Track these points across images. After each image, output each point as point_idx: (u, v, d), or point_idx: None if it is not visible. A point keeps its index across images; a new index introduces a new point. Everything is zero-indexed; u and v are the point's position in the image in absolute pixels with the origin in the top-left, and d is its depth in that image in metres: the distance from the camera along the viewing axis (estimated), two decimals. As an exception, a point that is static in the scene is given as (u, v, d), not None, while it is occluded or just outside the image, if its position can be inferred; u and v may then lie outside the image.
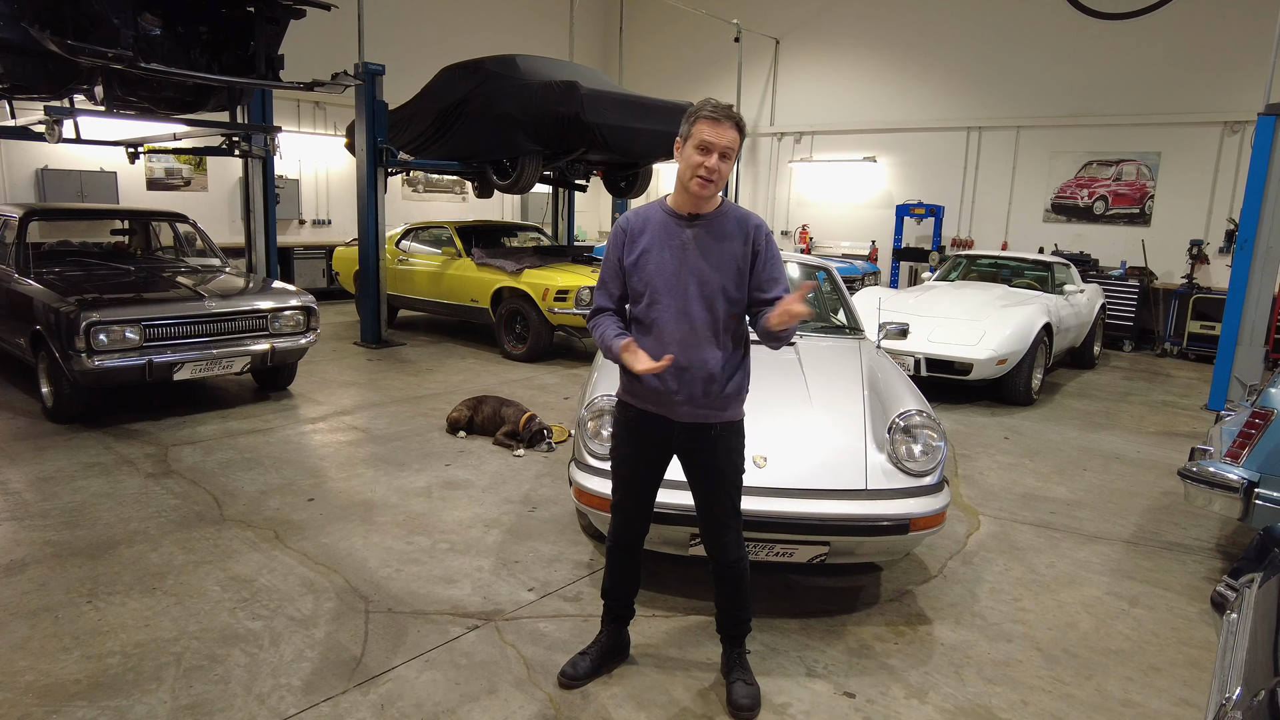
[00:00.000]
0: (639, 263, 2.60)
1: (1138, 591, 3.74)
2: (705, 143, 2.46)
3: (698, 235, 2.58)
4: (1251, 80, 9.60)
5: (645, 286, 2.60)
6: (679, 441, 2.67)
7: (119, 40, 5.57)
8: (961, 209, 12.69)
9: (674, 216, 2.61)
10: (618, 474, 2.79)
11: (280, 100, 10.60)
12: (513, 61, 8.63)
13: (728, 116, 2.48)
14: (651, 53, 15.67)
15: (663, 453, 2.73)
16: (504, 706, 2.71)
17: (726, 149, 2.47)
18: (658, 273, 2.58)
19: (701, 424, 2.63)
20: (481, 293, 8.59)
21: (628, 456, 2.74)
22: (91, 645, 2.96)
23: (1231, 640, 1.99)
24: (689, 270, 2.57)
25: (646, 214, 2.66)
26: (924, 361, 6.81)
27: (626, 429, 2.74)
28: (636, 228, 2.63)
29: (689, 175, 2.51)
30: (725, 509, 2.71)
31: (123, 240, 7.59)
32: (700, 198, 2.54)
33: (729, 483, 2.69)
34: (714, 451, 2.66)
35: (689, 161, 2.50)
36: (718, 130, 2.46)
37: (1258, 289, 6.99)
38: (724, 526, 2.72)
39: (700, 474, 2.70)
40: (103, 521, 4.04)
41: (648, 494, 2.78)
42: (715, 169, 2.47)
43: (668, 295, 2.57)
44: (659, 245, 2.59)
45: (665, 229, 2.60)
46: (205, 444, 5.31)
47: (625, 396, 2.73)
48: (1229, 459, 3.68)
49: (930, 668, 3.04)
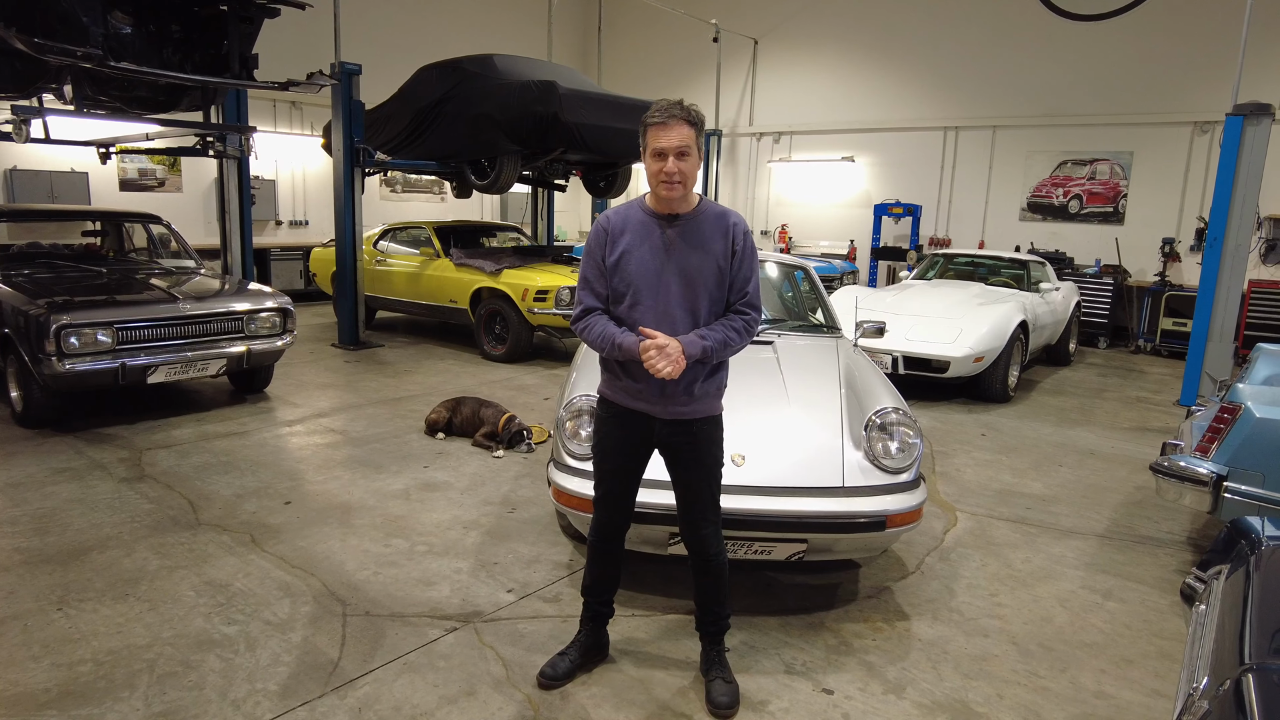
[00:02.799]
0: (620, 263, 2.60)
1: (1111, 585, 3.79)
2: (657, 149, 2.49)
3: (678, 235, 2.59)
4: (1220, 81, 9.75)
5: (627, 287, 2.60)
6: (660, 437, 2.70)
7: (88, 38, 5.47)
8: (939, 208, 12.80)
9: (654, 217, 2.62)
10: (600, 469, 2.81)
11: (256, 100, 10.47)
12: (491, 61, 8.60)
13: (673, 115, 2.48)
14: (630, 53, 15.67)
15: (644, 448, 2.75)
16: (483, 708, 2.70)
17: (680, 149, 2.48)
18: (639, 273, 2.59)
19: (683, 420, 2.66)
20: (460, 293, 8.55)
21: (610, 452, 2.76)
22: (62, 653, 2.92)
23: (1200, 631, 2.02)
24: (670, 271, 2.58)
25: (626, 213, 2.66)
26: (902, 360, 6.86)
27: (608, 425, 2.76)
28: (617, 227, 2.63)
29: (654, 183, 2.55)
30: (706, 502, 2.74)
31: (94, 242, 7.47)
32: (671, 200, 2.56)
33: (710, 476, 2.73)
34: (695, 445, 2.68)
35: (650, 170, 2.54)
36: (666, 133, 2.47)
37: (1227, 286, 7.10)
38: (704, 520, 2.75)
39: (682, 468, 2.72)
40: (74, 527, 3.98)
41: (629, 490, 2.80)
42: (674, 171, 2.49)
43: (649, 296, 2.58)
44: (640, 246, 2.59)
45: (645, 229, 2.61)
46: (180, 448, 5.24)
47: (606, 393, 2.75)
48: (1199, 453, 3.73)
49: (908, 663, 3.06)
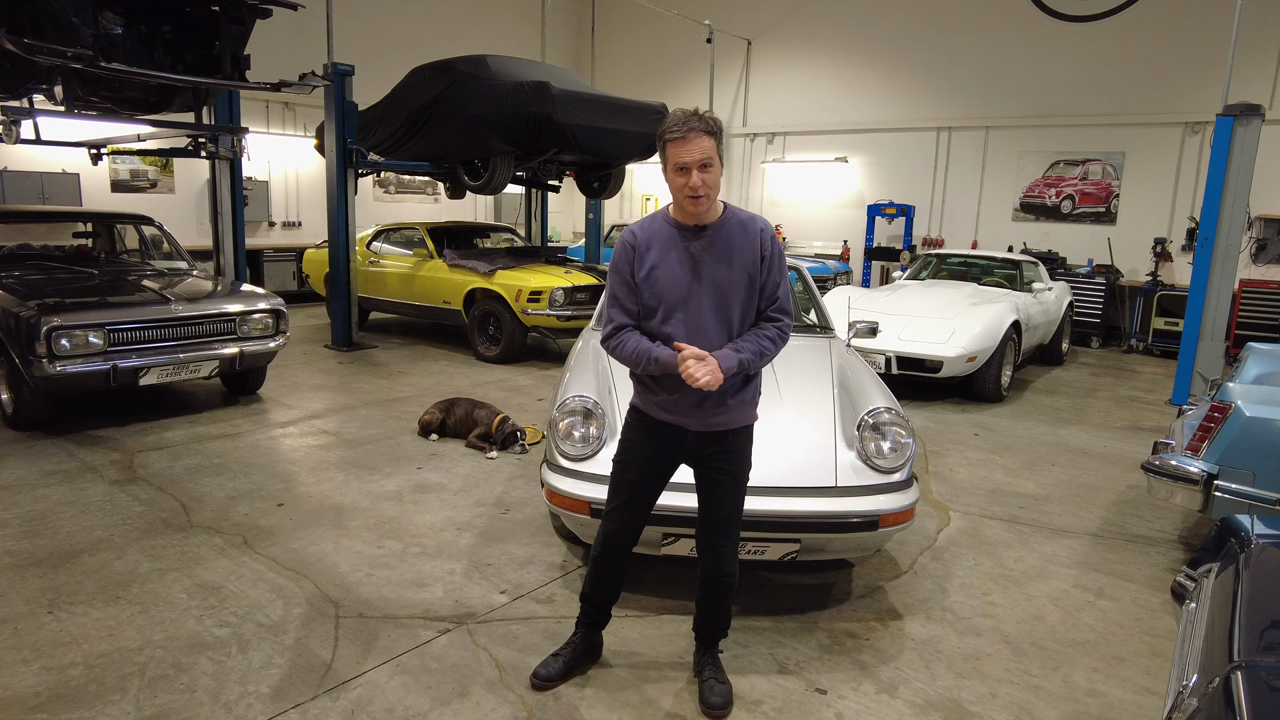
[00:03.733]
0: (650, 278, 2.55)
1: (1103, 584, 3.80)
2: (679, 164, 2.44)
3: (706, 246, 2.54)
4: (1210, 82, 9.80)
5: (658, 302, 2.56)
6: (691, 448, 2.65)
7: (78, 39, 5.46)
8: (932, 209, 12.83)
9: (679, 229, 2.57)
10: (622, 479, 2.74)
11: (248, 101, 10.46)
12: (484, 62, 8.58)
13: (692, 128, 2.42)
14: (623, 54, 15.67)
15: (671, 462, 2.71)
16: (476, 709, 2.69)
17: (703, 161, 2.43)
18: (669, 287, 2.54)
19: (716, 431, 2.61)
20: (454, 294, 8.54)
21: (637, 463, 2.70)
22: (52, 657, 2.90)
23: (1190, 629, 2.02)
24: (700, 283, 2.53)
25: (652, 227, 2.61)
26: (895, 360, 6.88)
27: (637, 434, 2.70)
28: (644, 242, 2.58)
29: (680, 197, 2.50)
30: (730, 516, 2.69)
31: (86, 243, 7.43)
32: (698, 213, 2.52)
33: (738, 486, 2.68)
34: (725, 456, 2.64)
35: (674, 185, 2.48)
36: (687, 147, 2.42)
37: (1218, 286, 7.14)
38: (725, 536, 2.70)
39: (710, 479, 2.68)
40: (65, 530, 3.96)
41: (649, 502, 2.76)
42: (699, 184, 2.44)
43: (681, 309, 2.54)
44: (668, 259, 2.55)
45: (672, 242, 2.56)
46: (172, 449, 5.22)
47: (639, 404, 2.70)
48: (1189, 452, 3.75)
49: (901, 662, 3.06)
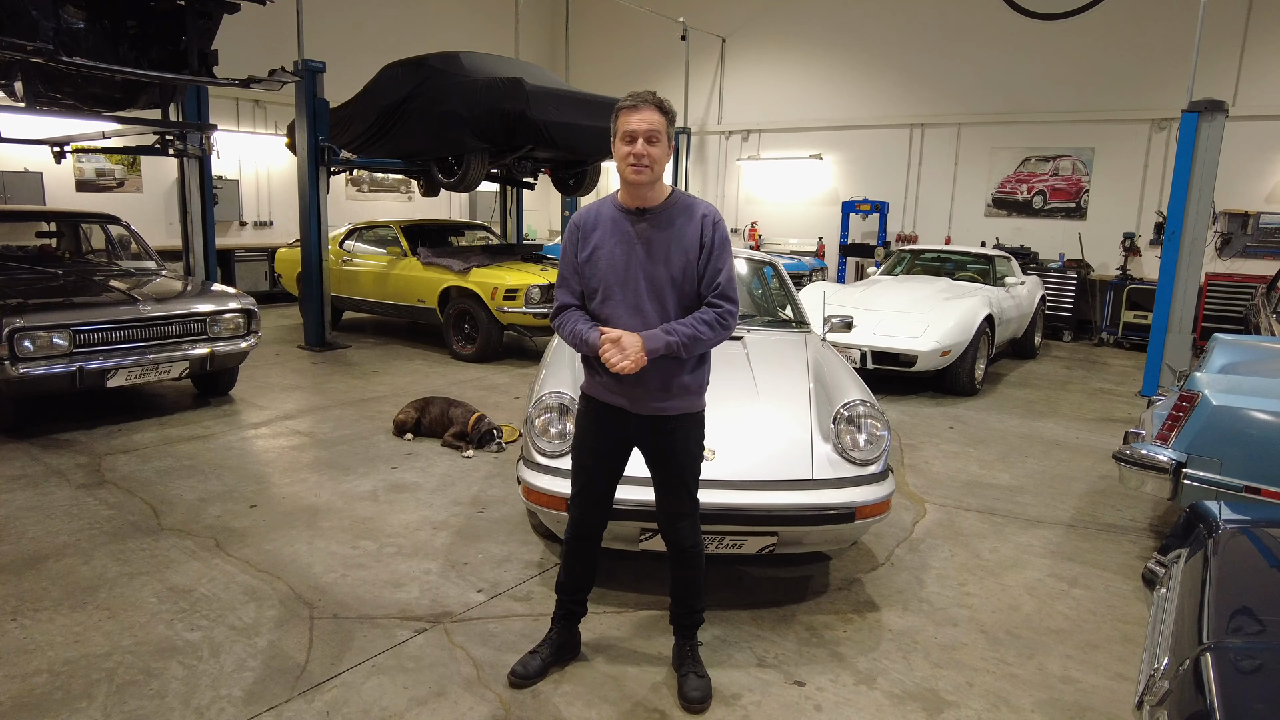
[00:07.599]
0: (591, 259, 2.62)
1: (1077, 572, 3.85)
2: (628, 131, 2.50)
3: (647, 229, 2.59)
4: (1176, 79, 9.94)
5: (599, 283, 2.62)
6: (638, 433, 2.69)
7: (39, 33, 5.34)
8: (906, 205, 12.93)
9: (624, 212, 2.63)
10: (579, 465, 2.80)
11: (218, 98, 10.29)
12: (457, 58, 8.52)
13: (644, 101, 2.51)
14: (598, 51, 15.63)
15: (623, 444, 2.75)
16: (453, 708, 2.66)
17: (650, 132, 2.49)
18: (609, 269, 2.60)
19: (660, 416, 2.65)
20: (429, 293, 8.47)
21: (589, 448, 2.76)
22: (16, 665, 2.83)
23: (1161, 614, 2.05)
24: (638, 265, 2.59)
25: (598, 210, 2.68)
26: (870, 354, 6.92)
27: (587, 419, 2.76)
28: (589, 224, 2.65)
29: (624, 167, 2.54)
30: (682, 498, 2.75)
31: (49, 243, 7.27)
32: (639, 185, 2.56)
33: (688, 472, 2.73)
34: (672, 442, 2.68)
35: (619, 154, 2.54)
36: (636, 116, 2.50)
37: (1185, 279, 7.25)
38: (680, 514, 2.76)
39: (659, 464, 2.73)
40: (29, 535, 3.87)
41: (608, 486, 2.80)
42: (644, 154, 2.50)
43: (620, 290, 2.59)
44: (609, 241, 2.60)
45: (615, 224, 2.62)
46: (141, 452, 5.13)
47: (587, 389, 2.75)
48: (1159, 441, 3.80)
49: (879, 654, 3.08)
